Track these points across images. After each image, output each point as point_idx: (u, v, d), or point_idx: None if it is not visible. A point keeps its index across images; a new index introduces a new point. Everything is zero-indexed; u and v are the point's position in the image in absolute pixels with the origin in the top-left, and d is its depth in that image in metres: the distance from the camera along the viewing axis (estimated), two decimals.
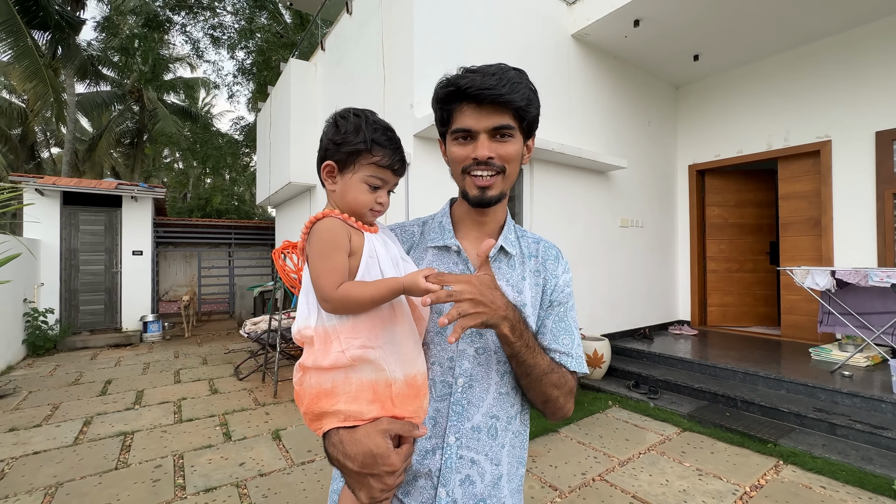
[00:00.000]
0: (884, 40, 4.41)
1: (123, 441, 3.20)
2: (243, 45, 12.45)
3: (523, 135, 0.79)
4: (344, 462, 0.66)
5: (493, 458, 0.77)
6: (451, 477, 0.74)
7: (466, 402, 0.77)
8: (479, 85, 0.73)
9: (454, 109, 0.78)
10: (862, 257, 4.54)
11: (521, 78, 0.77)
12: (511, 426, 0.80)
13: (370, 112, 0.80)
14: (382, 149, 0.77)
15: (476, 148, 0.76)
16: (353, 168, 0.77)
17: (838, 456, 2.79)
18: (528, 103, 0.76)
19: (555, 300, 0.85)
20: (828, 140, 4.79)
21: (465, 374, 0.78)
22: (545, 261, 0.87)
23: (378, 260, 0.74)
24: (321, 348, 0.69)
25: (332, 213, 0.75)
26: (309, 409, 0.70)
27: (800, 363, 4.05)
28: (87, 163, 14.72)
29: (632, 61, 5.39)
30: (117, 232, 7.25)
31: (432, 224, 0.90)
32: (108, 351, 6.40)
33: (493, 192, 0.78)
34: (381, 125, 0.79)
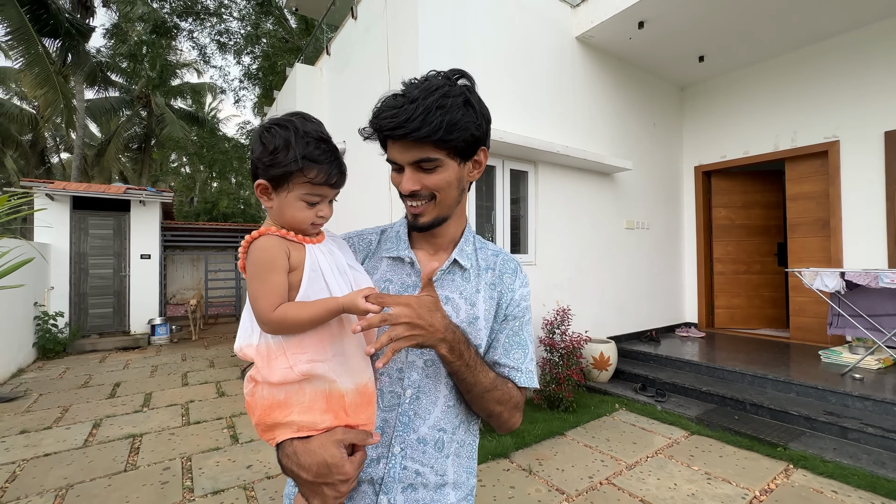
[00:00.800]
0: (890, 40, 4.37)
1: (132, 443, 3.23)
2: (249, 50, 12.57)
3: (457, 157, 0.76)
4: (298, 472, 0.67)
5: (437, 470, 0.77)
6: (393, 486, 0.75)
7: (413, 414, 0.77)
8: (391, 125, 0.71)
9: (385, 140, 0.77)
10: (872, 258, 4.48)
11: (447, 99, 0.71)
12: (456, 436, 0.80)
13: (300, 119, 0.74)
14: (317, 165, 0.71)
15: (402, 181, 0.76)
16: (287, 187, 0.72)
17: (850, 460, 2.75)
18: (450, 131, 0.70)
19: (510, 314, 0.85)
20: (836, 140, 4.75)
21: (414, 385, 0.77)
22: (502, 274, 0.87)
23: (322, 272, 0.72)
24: (265, 365, 0.68)
25: (268, 231, 0.73)
26: (261, 420, 0.69)
27: (809, 366, 4.00)
28: (96, 167, 14.91)
29: (636, 63, 5.38)
30: (125, 236, 7.33)
31: (390, 233, 0.91)
32: (117, 354, 6.46)
33: (426, 218, 0.79)
34: (314, 136, 0.72)
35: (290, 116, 0.75)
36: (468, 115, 0.73)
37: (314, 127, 0.74)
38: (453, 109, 0.71)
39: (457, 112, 0.71)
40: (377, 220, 4.30)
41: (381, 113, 0.74)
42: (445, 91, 0.72)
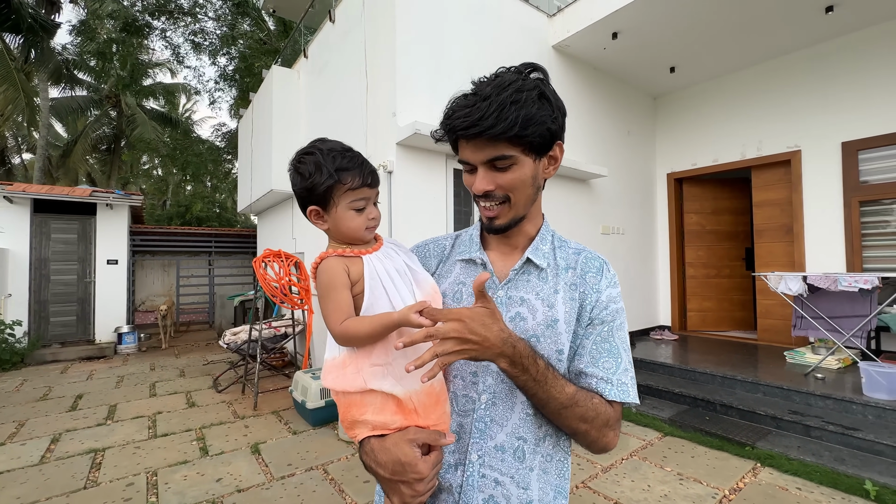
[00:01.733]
0: (848, 55, 4.62)
1: (94, 458, 3.08)
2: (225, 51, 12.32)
3: (532, 153, 0.73)
4: (376, 469, 0.70)
5: (519, 482, 0.73)
6: (473, 495, 0.72)
7: (489, 420, 0.74)
8: (464, 124, 0.70)
9: (457, 141, 0.76)
10: (832, 263, 4.70)
11: (520, 95, 0.69)
12: (540, 448, 0.75)
13: (320, 142, 0.82)
14: (350, 171, 0.79)
15: (476, 181, 0.75)
16: (333, 203, 0.79)
17: (812, 457, 2.86)
18: (525, 126, 0.68)
19: (596, 317, 0.78)
20: (798, 150, 4.98)
21: (489, 389, 0.75)
22: (585, 273, 0.80)
23: (380, 280, 0.76)
24: (340, 374, 0.75)
25: (328, 254, 0.80)
26: (344, 417, 0.76)
27: (775, 366, 4.15)
28: (62, 169, 14.29)
29: (611, 72, 5.52)
30: (91, 241, 7.03)
31: (464, 237, 0.90)
32: (80, 364, 6.17)
33: (501, 220, 0.77)
34: (337, 149, 0.80)
35: (312, 143, 0.83)
36: (544, 108, 0.71)
37: (334, 143, 0.82)
38: (528, 103, 0.69)
39: (532, 106, 0.69)
40: None
41: (453, 113, 0.73)
42: (519, 86, 0.70)
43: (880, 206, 4.48)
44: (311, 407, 3.62)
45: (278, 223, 6.90)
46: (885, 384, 3.18)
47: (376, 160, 3.83)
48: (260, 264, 4.46)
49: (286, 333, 5.02)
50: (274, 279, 4.48)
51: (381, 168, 3.71)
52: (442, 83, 3.88)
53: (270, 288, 4.38)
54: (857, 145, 4.56)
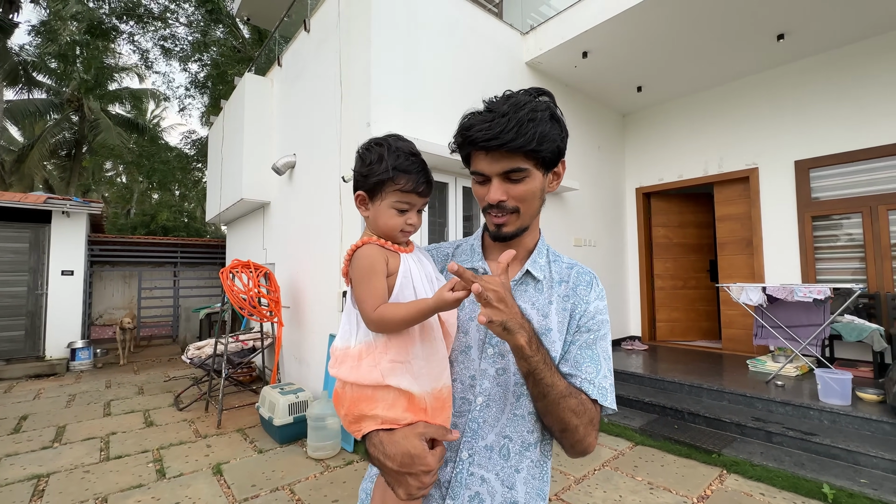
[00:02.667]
0: (799, 80, 4.94)
1: (36, 485, 2.84)
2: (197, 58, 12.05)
3: (543, 168, 0.80)
4: (384, 461, 0.72)
5: (504, 480, 0.77)
6: (460, 491, 0.76)
7: (482, 421, 0.79)
8: (485, 136, 0.75)
9: (471, 153, 0.82)
10: (788, 274, 4.94)
11: (537, 112, 0.76)
12: (528, 453, 0.79)
13: (394, 138, 0.85)
14: (406, 174, 0.81)
15: (489, 191, 0.79)
16: (380, 196, 0.83)
17: (774, 463, 2.95)
18: (542, 141, 0.75)
19: (583, 326, 0.84)
20: (755, 167, 5.25)
21: (485, 392, 0.80)
22: (576, 286, 0.87)
23: (412, 279, 0.80)
24: (355, 364, 0.76)
25: (370, 241, 0.82)
26: (350, 411, 0.77)
27: (739, 374, 4.29)
28: (15, 175, 13.50)
29: (582, 90, 5.70)
30: (44, 250, 6.63)
31: (465, 247, 0.95)
32: (28, 382, 5.75)
33: (509, 228, 0.82)
34: (404, 150, 0.83)
35: (386, 136, 0.86)
36: (554, 127, 0.78)
37: (405, 144, 0.84)
38: (543, 122, 0.76)
39: (545, 125, 0.76)
40: (329, 233, 4.18)
41: (472, 126, 0.78)
42: (533, 105, 0.76)
43: (830, 220, 4.76)
44: (278, 424, 3.48)
45: (249, 233, 6.71)
46: (839, 390, 3.33)
47: (349, 170, 3.79)
48: (227, 275, 4.31)
49: (254, 347, 4.84)
50: (242, 290, 4.33)
51: None
52: (416, 95, 3.91)
53: (238, 300, 4.22)
54: (808, 164, 4.85)
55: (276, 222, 5.58)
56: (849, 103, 4.60)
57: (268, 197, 5.71)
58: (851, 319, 3.98)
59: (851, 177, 4.62)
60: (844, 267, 4.66)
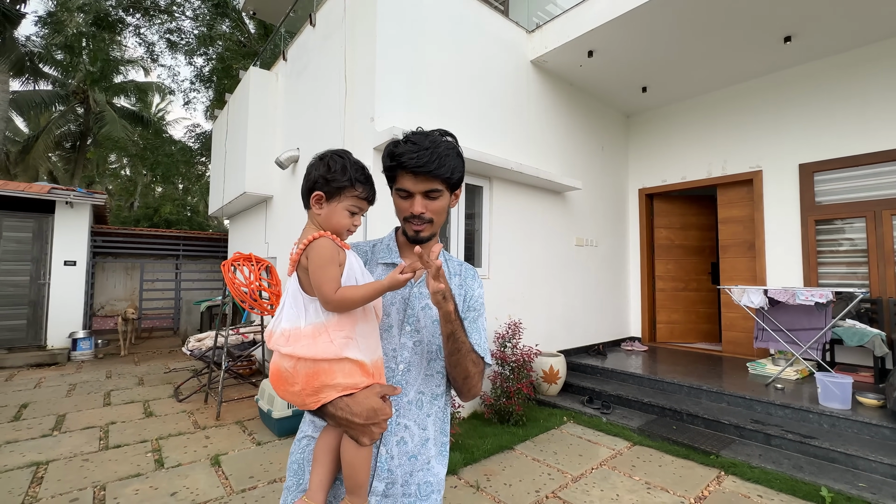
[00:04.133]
0: (804, 81, 4.92)
1: (35, 472, 2.86)
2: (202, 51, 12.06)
3: (450, 190, 1.05)
4: (352, 419, 0.89)
5: (420, 424, 1.03)
6: (389, 439, 0.99)
7: (405, 382, 1.03)
8: (415, 164, 0.97)
9: (397, 173, 1.03)
10: (790, 278, 4.92)
11: (450, 150, 1.01)
12: (436, 402, 1.07)
13: (346, 153, 1.02)
14: (363, 185, 1.01)
15: (413, 205, 1.01)
16: (338, 199, 0.99)
17: (773, 465, 2.94)
18: (453, 172, 1.01)
19: (471, 306, 1.13)
20: (759, 170, 5.23)
21: (405, 361, 1.04)
22: (465, 278, 1.17)
23: (354, 270, 0.97)
24: (310, 342, 0.89)
25: (326, 235, 0.96)
26: (307, 385, 0.89)
27: (739, 377, 4.28)
28: (20, 165, 13.55)
29: (587, 89, 5.69)
30: (48, 240, 6.66)
31: (381, 246, 1.17)
32: (28, 371, 5.77)
33: (425, 233, 1.05)
34: (359, 165, 1.02)
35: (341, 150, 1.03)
36: (459, 162, 1.05)
37: (358, 160, 1.04)
38: (453, 157, 1.02)
39: (455, 159, 1.03)
40: None
41: (403, 155, 0.99)
42: (448, 145, 1.02)
43: (833, 225, 4.74)
44: (277, 416, 3.49)
45: (251, 227, 6.73)
46: (839, 394, 3.32)
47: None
48: (229, 268, 4.32)
49: (255, 340, 4.85)
50: (243, 283, 4.34)
51: None
52: (420, 91, 3.90)
53: (239, 293, 4.23)
54: (812, 167, 4.83)
55: (279, 216, 5.59)
56: (855, 107, 4.58)
57: (270, 191, 5.72)
58: (853, 324, 3.96)
59: (856, 181, 4.60)
60: (847, 271, 4.64)
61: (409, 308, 1.05)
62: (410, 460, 1.00)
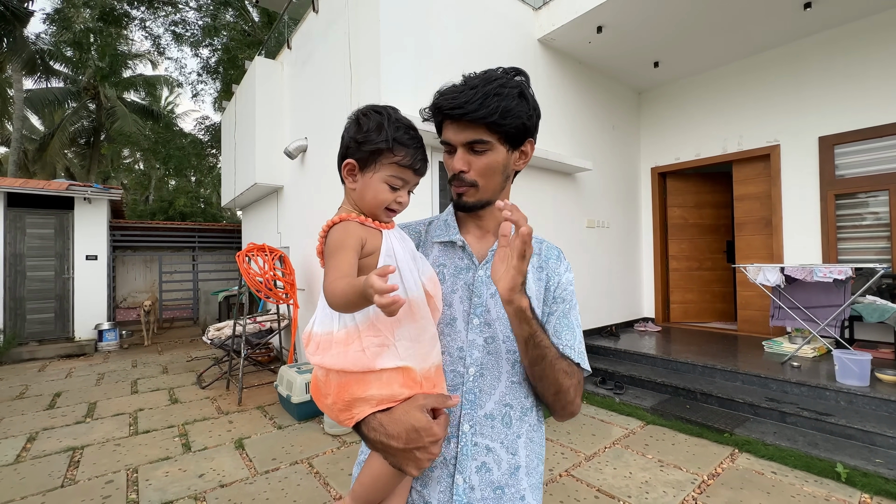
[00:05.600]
0: (825, 52, 4.72)
1: (72, 457, 3.02)
2: (208, 42, 12.04)
3: (507, 144, 0.80)
4: (388, 442, 0.68)
5: (508, 447, 0.78)
6: (467, 464, 0.75)
7: (479, 391, 0.78)
8: (450, 104, 0.77)
9: (442, 122, 0.82)
10: (808, 254, 4.82)
11: (504, 88, 0.77)
12: (527, 418, 0.81)
13: (392, 109, 0.81)
14: (404, 148, 0.77)
15: (453, 161, 0.81)
16: (374, 167, 0.78)
17: (787, 442, 2.94)
18: (505, 115, 0.76)
19: (558, 297, 0.87)
20: (777, 144, 5.08)
21: (476, 363, 0.79)
22: (548, 259, 0.91)
23: (395, 257, 0.76)
24: (342, 351, 0.71)
25: (347, 217, 0.78)
26: (339, 398, 0.71)
27: (754, 356, 4.25)
28: (38, 163, 13.87)
29: (596, 67, 5.54)
30: (69, 236, 6.85)
31: (437, 223, 0.94)
32: (59, 362, 6.03)
33: (469, 199, 0.83)
34: (404, 123, 0.79)
35: (385, 106, 0.81)
36: (521, 105, 0.79)
37: (405, 117, 0.80)
38: (509, 98, 0.76)
39: (511, 101, 0.77)
40: None
41: (441, 95, 0.80)
42: (503, 81, 0.78)
43: (855, 199, 4.60)
44: (296, 401, 3.60)
45: (263, 218, 6.81)
46: (857, 371, 3.28)
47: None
48: (243, 258, 4.40)
49: (271, 329, 4.97)
50: (258, 273, 4.43)
51: None
52: (426, 76, 3.86)
53: (254, 282, 4.32)
54: (832, 140, 4.67)
55: (290, 206, 5.64)
56: (877, 76, 4.38)
57: (281, 181, 5.77)
58: (873, 300, 3.88)
59: (878, 153, 4.44)
60: (868, 247, 4.52)
61: (474, 296, 0.81)
62: (496, 493, 0.76)
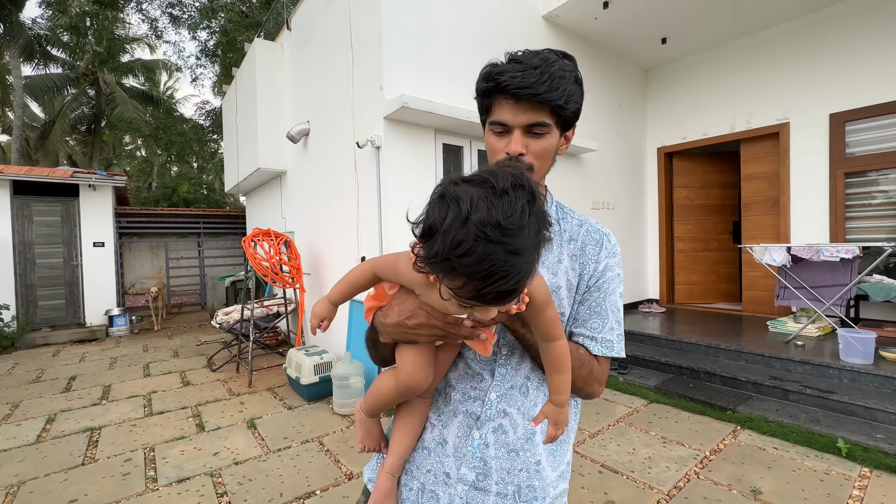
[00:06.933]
0: (837, 24, 4.58)
1: (90, 437, 3.11)
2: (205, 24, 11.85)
3: (561, 127, 0.80)
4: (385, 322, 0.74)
5: (525, 414, 0.81)
6: (487, 424, 0.81)
7: (510, 367, 0.82)
8: (518, 83, 0.73)
9: (493, 101, 0.79)
10: (815, 234, 4.79)
11: (565, 72, 0.76)
12: (544, 387, 0.83)
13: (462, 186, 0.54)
14: (459, 277, 0.52)
15: (510, 142, 0.78)
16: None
17: (790, 419, 2.98)
18: (568, 100, 0.76)
19: (593, 286, 0.85)
20: (786, 122, 4.98)
21: (508, 343, 0.82)
22: (585, 245, 0.86)
23: None
24: None
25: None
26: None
27: (758, 335, 4.27)
28: (40, 151, 13.87)
29: (602, 44, 5.42)
30: (75, 223, 6.90)
31: None
32: (72, 347, 6.15)
33: None
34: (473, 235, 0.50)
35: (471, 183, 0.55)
36: (578, 91, 0.80)
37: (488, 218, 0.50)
38: (570, 82, 0.77)
39: (572, 85, 0.77)
40: (345, 199, 4.21)
41: (503, 73, 0.75)
42: (562, 65, 0.77)
43: (865, 177, 4.54)
44: (305, 383, 3.67)
45: (267, 203, 6.82)
46: (861, 349, 3.30)
47: (363, 135, 3.77)
48: (249, 243, 4.43)
49: (278, 313, 5.03)
50: (264, 258, 4.46)
51: (368, 143, 3.66)
52: (429, 55, 3.79)
53: (261, 267, 4.36)
54: (844, 117, 4.58)
55: (294, 191, 5.64)
56: (892, 50, 4.26)
57: (284, 165, 5.75)
58: (880, 279, 3.87)
59: (891, 129, 4.35)
60: (877, 226, 4.48)
61: None
62: (510, 455, 0.80)
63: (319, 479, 2.49)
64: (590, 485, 2.40)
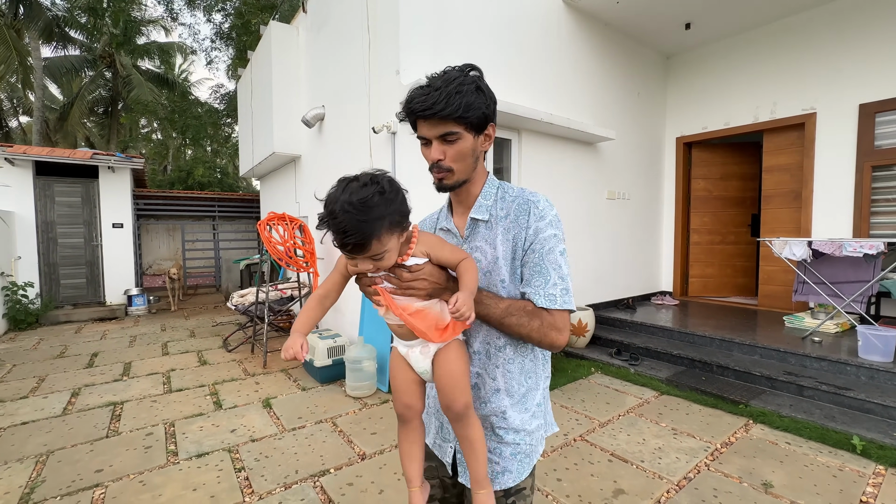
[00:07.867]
0: (868, 11, 4.38)
1: (113, 411, 3.23)
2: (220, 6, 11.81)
3: (472, 131, 0.94)
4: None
5: (489, 374, 1.01)
6: None
7: (472, 331, 1.02)
8: (422, 107, 0.90)
9: (416, 122, 0.96)
10: (838, 228, 4.66)
11: (463, 86, 0.90)
12: (501, 353, 1.00)
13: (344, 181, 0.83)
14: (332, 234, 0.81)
15: (431, 151, 0.95)
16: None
17: (804, 415, 2.96)
18: (467, 109, 0.90)
19: (528, 249, 0.97)
20: (813, 112, 4.82)
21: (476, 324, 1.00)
22: (517, 217, 0.99)
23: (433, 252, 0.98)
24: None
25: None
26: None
27: (774, 330, 4.21)
28: (60, 133, 14.10)
29: (623, 29, 5.28)
30: (95, 204, 7.04)
31: (443, 210, 1.13)
32: (93, 325, 6.34)
33: (448, 182, 0.98)
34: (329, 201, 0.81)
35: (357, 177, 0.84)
36: (479, 97, 0.93)
37: (336, 194, 0.81)
38: (468, 94, 0.91)
39: (471, 96, 0.91)
40: None
41: (412, 100, 0.93)
42: (461, 80, 0.91)
43: (893, 171, 4.39)
44: (318, 365, 3.74)
45: (281, 187, 6.86)
46: (881, 347, 3.23)
47: (378, 121, 3.76)
48: (265, 227, 4.48)
49: (292, 296, 5.11)
50: (279, 242, 4.51)
51: (384, 129, 3.65)
52: (447, 40, 3.74)
53: (276, 251, 4.41)
54: (874, 108, 4.41)
55: (308, 175, 5.66)
56: None
57: (298, 150, 5.77)
58: None
59: None
60: None
61: None
62: (482, 405, 1.01)
63: (333, 458, 2.55)
64: (599, 473, 2.42)
